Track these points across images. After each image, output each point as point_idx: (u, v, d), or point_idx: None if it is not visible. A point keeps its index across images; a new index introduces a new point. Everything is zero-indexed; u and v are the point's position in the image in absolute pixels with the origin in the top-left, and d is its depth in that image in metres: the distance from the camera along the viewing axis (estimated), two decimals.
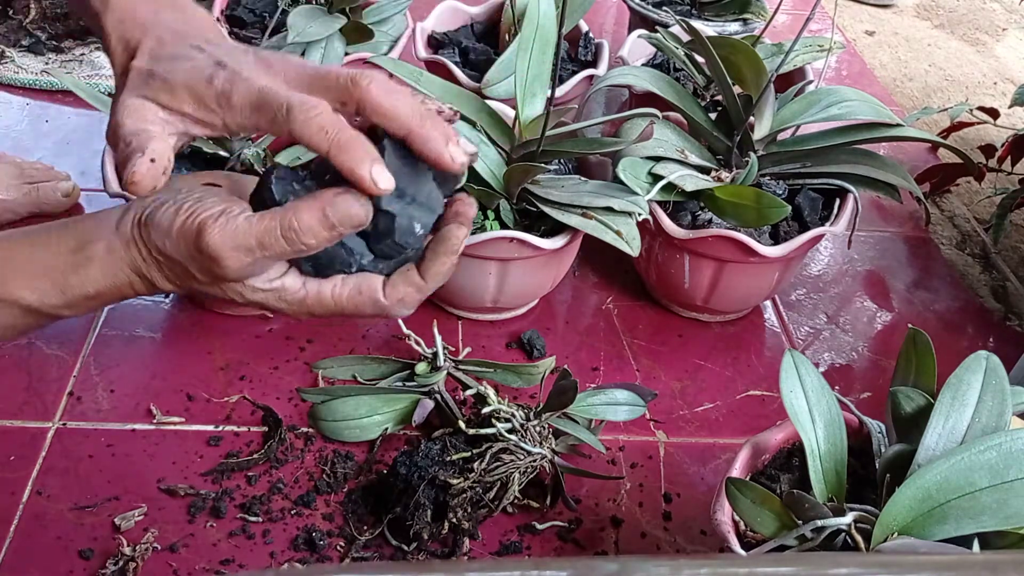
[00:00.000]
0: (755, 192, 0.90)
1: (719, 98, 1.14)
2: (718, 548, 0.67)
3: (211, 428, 0.86)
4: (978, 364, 0.65)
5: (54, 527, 0.76)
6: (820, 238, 0.95)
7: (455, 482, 0.76)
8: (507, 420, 0.79)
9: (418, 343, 0.89)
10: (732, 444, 0.90)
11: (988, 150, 1.26)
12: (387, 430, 0.85)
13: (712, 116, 0.99)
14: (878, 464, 0.66)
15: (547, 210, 0.89)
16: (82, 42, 1.37)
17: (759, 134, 0.96)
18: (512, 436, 0.78)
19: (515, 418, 0.79)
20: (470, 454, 0.78)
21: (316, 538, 0.76)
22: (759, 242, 0.92)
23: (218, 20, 1.19)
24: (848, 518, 0.60)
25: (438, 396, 0.86)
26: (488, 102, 0.94)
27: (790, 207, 0.90)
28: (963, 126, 1.33)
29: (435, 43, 1.23)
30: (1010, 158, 1.24)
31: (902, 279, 1.17)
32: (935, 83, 1.65)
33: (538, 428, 0.79)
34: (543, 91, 0.93)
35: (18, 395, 0.87)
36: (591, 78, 1.15)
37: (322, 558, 0.76)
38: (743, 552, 0.64)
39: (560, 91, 1.10)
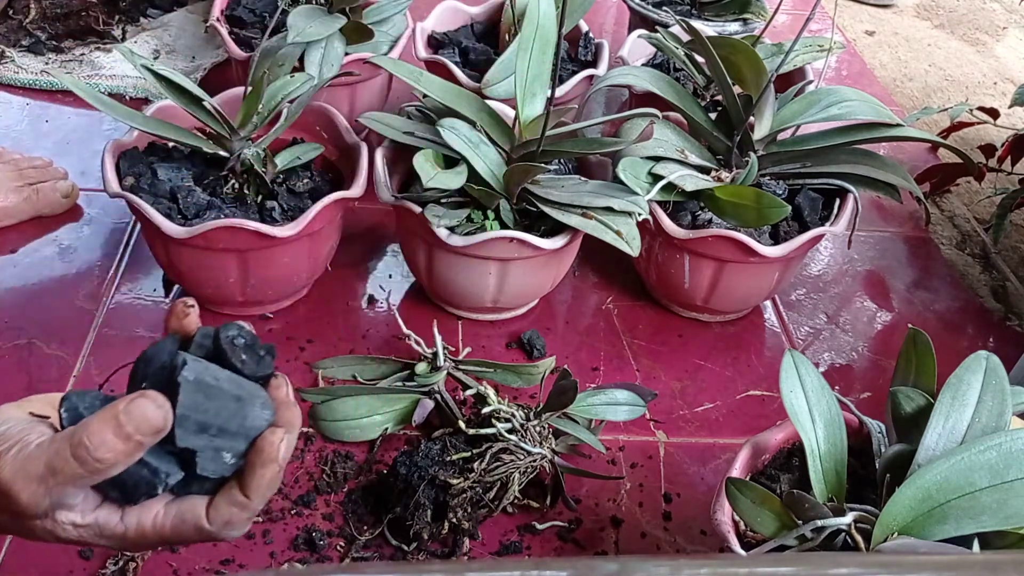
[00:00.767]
0: (755, 192, 0.90)
1: (719, 98, 1.14)
2: (718, 548, 0.67)
3: None
4: (978, 364, 0.65)
5: None
6: (820, 238, 0.95)
7: (455, 482, 0.76)
8: (507, 420, 0.79)
9: (418, 343, 0.89)
10: (732, 444, 0.90)
11: (988, 150, 1.26)
12: (387, 430, 0.85)
13: (712, 116, 0.99)
14: (878, 464, 0.66)
15: (547, 210, 0.89)
16: (82, 42, 1.37)
17: (759, 134, 0.96)
18: (512, 436, 0.78)
19: (515, 418, 0.79)
20: (470, 454, 0.78)
21: (316, 538, 0.76)
22: (759, 242, 0.92)
23: (218, 20, 1.19)
24: (848, 518, 0.60)
25: (438, 396, 0.86)
26: (488, 102, 0.94)
27: (790, 207, 0.90)
28: (963, 126, 1.33)
29: (435, 43, 1.23)
30: (1010, 158, 1.24)
31: (902, 279, 1.17)
32: (935, 83, 1.65)
33: (538, 428, 0.79)
34: (543, 91, 0.93)
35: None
36: (591, 78, 1.15)
37: (322, 558, 0.76)
38: (743, 552, 0.64)
39: (560, 91, 1.10)
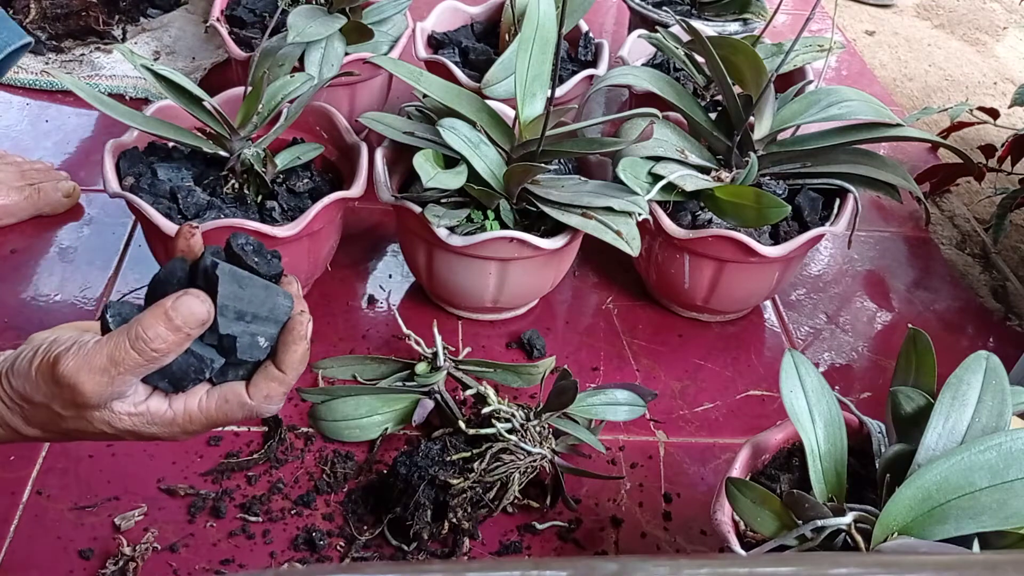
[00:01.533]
0: (755, 192, 0.90)
1: (719, 98, 1.14)
2: (718, 548, 0.67)
3: None
4: (978, 364, 0.65)
5: (54, 527, 0.76)
6: (820, 238, 0.95)
7: (455, 482, 0.76)
8: (507, 420, 0.79)
9: (418, 343, 0.89)
10: (732, 444, 0.90)
11: (988, 150, 1.26)
12: (387, 430, 0.85)
13: (712, 116, 0.99)
14: (878, 464, 0.66)
15: (547, 210, 0.89)
16: (82, 42, 1.37)
17: (759, 134, 0.96)
18: (512, 436, 0.78)
19: (515, 418, 0.79)
20: (470, 454, 0.78)
21: (316, 538, 0.76)
22: (759, 242, 0.92)
23: (218, 20, 1.19)
24: (848, 518, 0.60)
25: (438, 396, 0.86)
26: (488, 102, 0.94)
27: (790, 207, 0.90)
28: (963, 126, 1.33)
29: (435, 43, 1.23)
30: (1010, 158, 1.24)
31: (902, 279, 1.17)
32: (935, 83, 1.65)
33: (538, 428, 0.79)
34: (543, 91, 0.92)
35: None
36: (591, 78, 1.15)
37: (322, 558, 0.76)
38: (743, 552, 0.64)
39: (560, 91, 1.10)
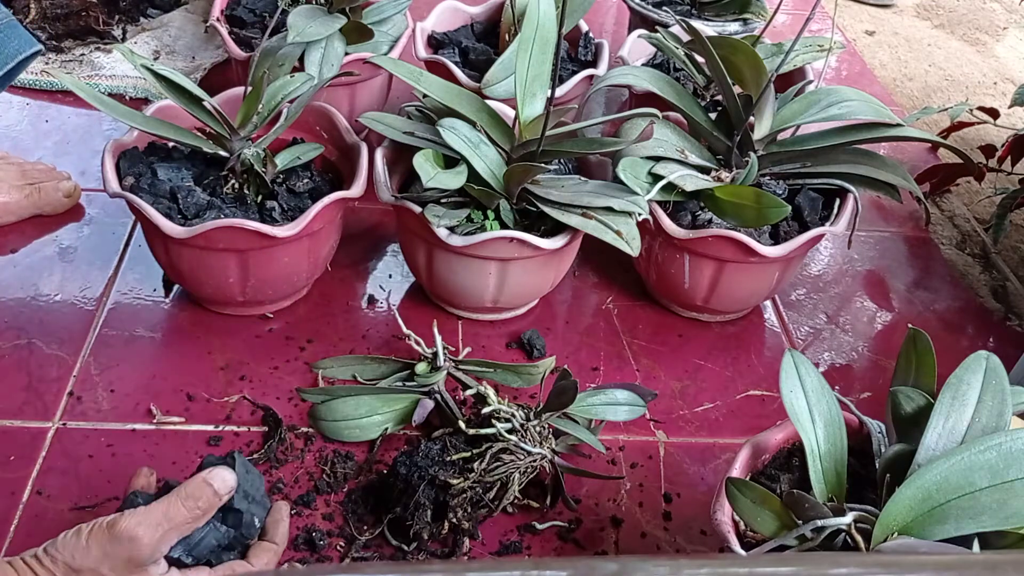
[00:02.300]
0: (755, 192, 0.90)
1: (719, 98, 1.14)
2: (718, 548, 0.67)
3: (211, 428, 0.86)
4: (978, 364, 0.65)
5: (54, 527, 0.76)
6: (820, 238, 0.95)
7: (455, 482, 0.76)
8: (507, 420, 0.79)
9: (418, 343, 0.89)
10: (732, 444, 0.90)
11: (988, 150, 1.26)
12: (387, 430, 0.85)
13: (712, 116, 0.99)
14: (878, 464, 0.66)
15: (547, 210, 0.89)
16: (82, 42, 1.37)
17: (759, 134, 0.96)
18: (512, 436, 0.78)
19: (515, 418, 0.79)
20: (470, 454, 0.78)
21: (316, 538, 0.76)
22: (759, 242, 0.92)
23: (218, 20, 1.19)
24: (848, 518, 0.60)
25: (438, 396, 0.86)
26: (488, 102, 0.94)
27: (790, 207, 0.90)
28: (963, 126, 1.33)
29: (435, 43, 1.23)
30: (1010, 158, 1.24)
31: (902, 279, 1.17)
32: (935, 83, 1.65)
33: (538, 428, 0.79)
34: (543, 91, 0.92)
35: (18, 395, 0.87)
36: (591, 78, 1.15)
37: (322, 558, 0.76)
38: (743, 552, 0.64)
39: (560, 91, 1.10)
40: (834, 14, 1.69)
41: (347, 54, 1.13)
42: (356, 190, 0.92)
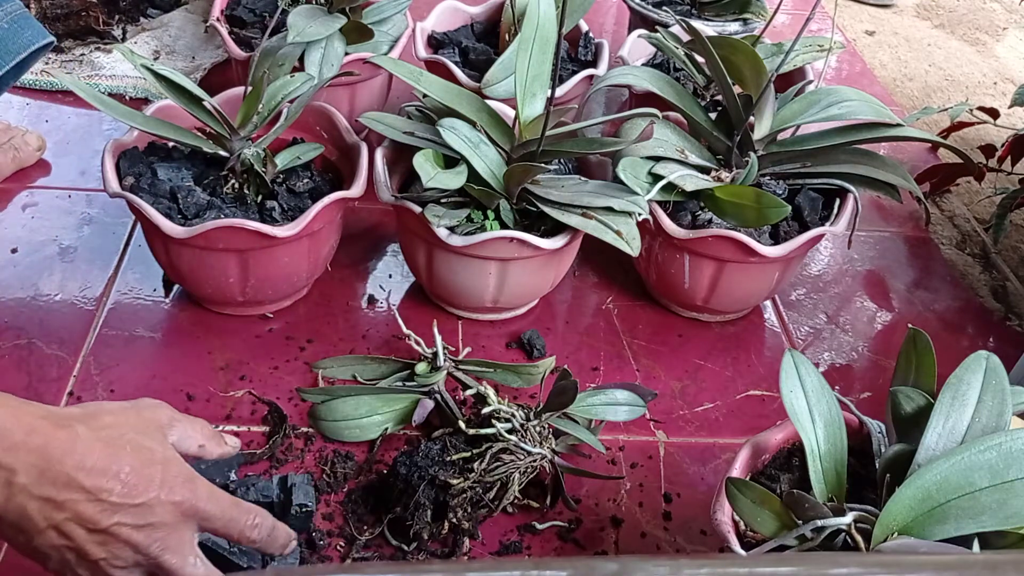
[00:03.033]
0: (755, 192, 0.90)
1: (719, 98, 1.14)
2: (718, 548, 0.67)
3: None
4: (978, 364, 0.65)
5: None
6: (820, 238, 0.95)
7: (455, 482, 0.76)
8: (507, 420, 0.79)
9: (418, 343, 0.89)
10: (732, 444, 0.90)
11: (988, 150, 1.26)
12: (387, 430, 0.85)
13: (712, 116, 0.99)
14: (878, 464, 0.66)
15: (547, 210, 0.89)
16: (82, 42, 1.37)
17: (759, 134, 0.96)
18: (512, 436, 0.78)
19: (515, 418, 0.79)
20: (470, 454, 0.78)
21: (316, 538, 0.76)
22: (759, 242, 0.92)
23: (218, 20, 1.19)
24: (848, 518, 0.60)
25: (438, 396, 0.86)
26: (488, 102, 0.94)
27: (790, 207, 0.90)
28: (963, 126, 1.33)
29: (435, 43, 1.23)
30: (1010, 158, 1.24)
31: (902, 279, 1.17)
32: (935, 83, 1.65)
33: (538, 428, 0.79)
34: (543, 91, 0.92)
35: (18, 395, 0.86)
36: (591, 78, 1.15)
37: (322, 558, 0.76)
38: (743, 552, 0.64)
39: (560, 91, 1.10)
40: (834, 14, 1.69)
41: (347, 54, 1.13)
42: (356, 190, 0.92)
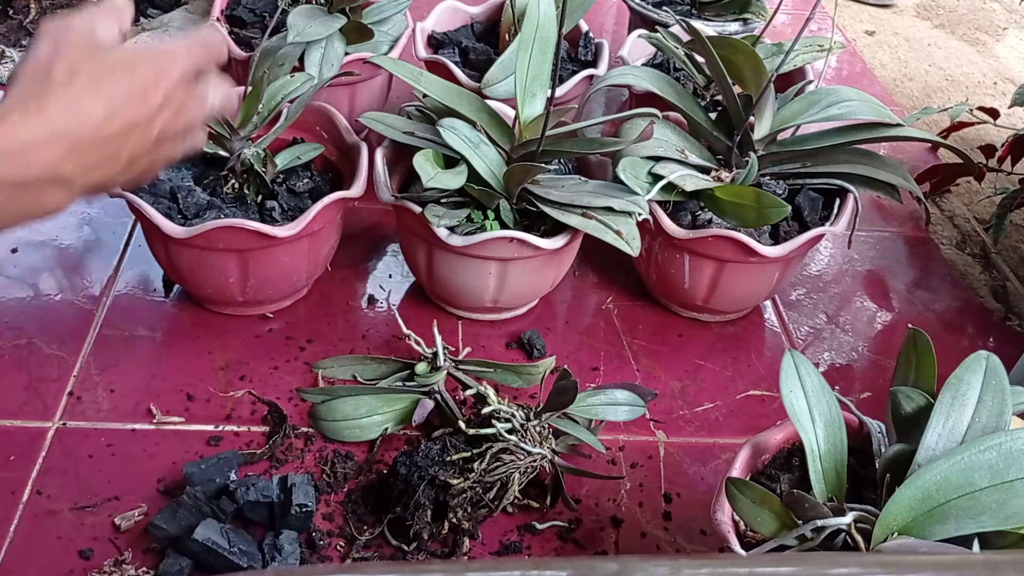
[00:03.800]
0: (755, 192, 0.90)
1: (719, 98, 1.14)
2: (718, 548, 0.67)
3: (211, 428, 0.85)
4: (978, 364, 0.65)
5: (54, 527, 0.76)
6: (820, 238, 0.95)
7: (455, 482, 0.76)
8: (507, 420, 0.79)
9: (418, 343, 0.89)
10: (732, 444, 0.90)
11: (988, 150, 1.26)
12: (387, 430, 0.85)
13: (712, 116, 0.99)
14: (878, 464, 0.66)
15: (547, 210, 0.89)
16: None
17: (759, 134, 0.96)
18: (512, 436, 0.78)
19: (515, 418, 0.79)
20: (470, 454, 0.78)
21: (316, 538, 0.76)
22: (759, 242, 0.92)
23: (218, 20, 1.19)
24: (848, 518, 0.60)
25: (438, 396, 0.86)
26: (488, 102, 0.94)
27: (790, 207, 0.90)
28: (963, 126, 1.33)
29: (435, 43, 1.22)
30: (1010, 158, 1.24)
31: (902, 279, 1.17)
32: (935, 83, 1.65)
33: (538, 428, 0.79)
34: (543, 91, 0.92)
35: (18, 395, 0.87)
36: (591, 78, 1.15)
37: (322, 558, 0.76)
38: (743, 552, 0.64)
39: (560, 91, 1.10)
40: (834, 14, 1.69)
41: (347, 54, 1.13)
42: (356, 190, 0.92)
